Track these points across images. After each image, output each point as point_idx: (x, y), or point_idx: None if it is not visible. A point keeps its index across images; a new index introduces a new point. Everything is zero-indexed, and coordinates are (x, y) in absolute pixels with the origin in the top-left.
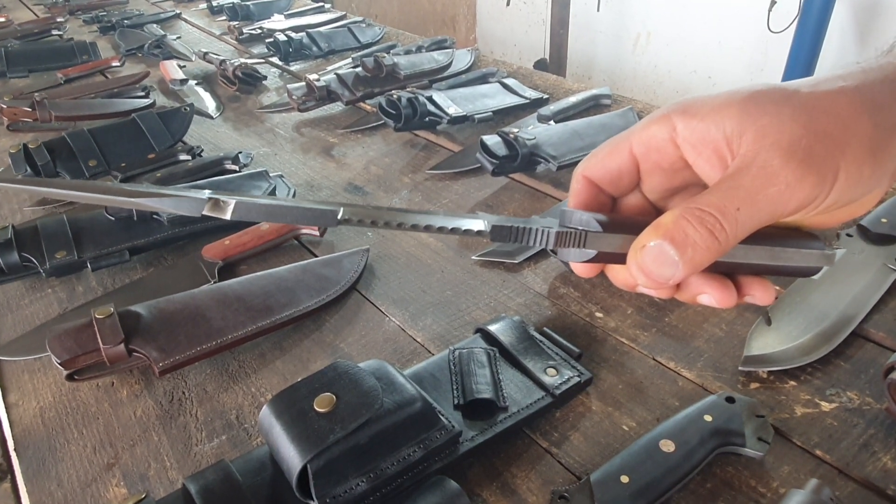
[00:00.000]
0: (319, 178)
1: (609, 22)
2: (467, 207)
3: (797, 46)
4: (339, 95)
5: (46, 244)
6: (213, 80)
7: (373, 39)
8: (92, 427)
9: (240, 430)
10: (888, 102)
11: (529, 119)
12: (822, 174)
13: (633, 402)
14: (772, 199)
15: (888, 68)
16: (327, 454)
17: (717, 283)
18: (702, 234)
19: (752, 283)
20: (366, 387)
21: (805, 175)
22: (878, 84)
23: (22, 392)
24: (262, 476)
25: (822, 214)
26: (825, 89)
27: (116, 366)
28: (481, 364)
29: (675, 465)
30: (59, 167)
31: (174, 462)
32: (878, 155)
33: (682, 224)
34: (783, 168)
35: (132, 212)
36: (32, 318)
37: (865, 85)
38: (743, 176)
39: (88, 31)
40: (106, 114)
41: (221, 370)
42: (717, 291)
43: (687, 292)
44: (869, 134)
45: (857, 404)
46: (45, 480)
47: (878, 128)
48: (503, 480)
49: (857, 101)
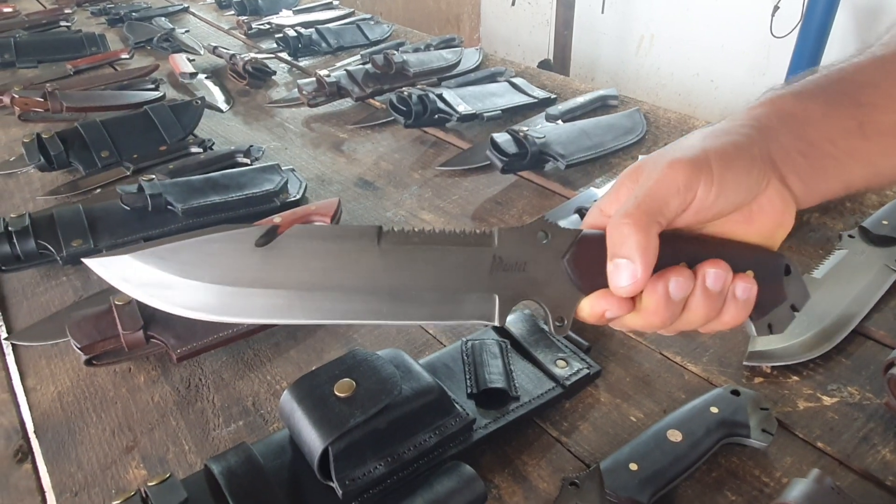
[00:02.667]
0: (330, 172)
1: (613, 24)
2: (477, 204)
3: (799, 51)
4: (348, 91)
5: (63, 232)
6: (222, 73)
7: (381, 37)
8: (110, 411)
9: (256, 417)
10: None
11: (537, 118)
12: (696, 168)
13: (640, 395)
14: (661, 184)
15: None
16: (347, 438)
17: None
18: (634, 233)
19: (704, 263)
20: (385, 374)
21: (681, 168)
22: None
23: (40, 377)
24: (282, 459)
25: (743, 224)
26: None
27: (134, 352)
28: (494, 355)
29: (683, 455)
30: (72, 157)
31: (192, 446)
32: (769, 163)
33: (615, 235)
34: (668, 167)
35: (147, 202)
36: (48, 305)
37: (778, 99)
38: (643, 184)
39: (96, 23)
40: (117, 105)
41: (237, 358)
42: (677, 275)
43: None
44: (758, 142)
45: (857, 399)
46: (66, 462)
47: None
48: (514, 467)
49: (759, 117)
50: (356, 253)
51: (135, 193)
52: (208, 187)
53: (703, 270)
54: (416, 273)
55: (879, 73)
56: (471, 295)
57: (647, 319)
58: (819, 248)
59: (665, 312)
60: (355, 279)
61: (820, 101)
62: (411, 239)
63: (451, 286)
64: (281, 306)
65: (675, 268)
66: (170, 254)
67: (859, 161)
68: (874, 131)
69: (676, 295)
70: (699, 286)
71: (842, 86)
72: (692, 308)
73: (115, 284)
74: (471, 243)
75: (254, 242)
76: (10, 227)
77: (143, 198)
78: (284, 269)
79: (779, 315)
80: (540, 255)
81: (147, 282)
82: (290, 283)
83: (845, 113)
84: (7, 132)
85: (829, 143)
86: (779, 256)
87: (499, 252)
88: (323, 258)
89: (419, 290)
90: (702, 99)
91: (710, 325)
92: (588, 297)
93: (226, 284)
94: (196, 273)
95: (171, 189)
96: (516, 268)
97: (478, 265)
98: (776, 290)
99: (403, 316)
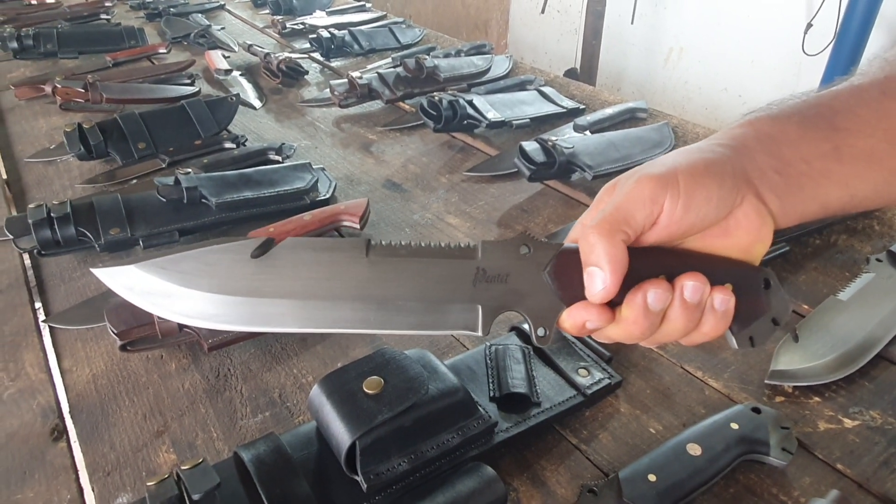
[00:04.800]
0: (359, 172)
1: (642, 35)
2: (503, 210)
3: (831, 70)
4: (379, 94)
5: (101, 220)
6: (255, 71)
7: (412, 41)
8: (142, 396)
9: (282, 408)
10: (785, 138)
11: (565, 128)
12: (663, 182)
13: (660, 407)
14: (628, 197)
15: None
16: (375, 433)
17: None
18: (599, 241)
19: (682, 276)
20: (412, 373)
21: (647, 183)
22: (777, 122)
23: (75, 359)
24: (309, 450)
25: (721, 239)
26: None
27: (167, 339)
28: (517, 360)
29: (701, 468)
30: (111, 148)
31: (220, 433)
32: (744, 180)
33: (584, 245)
34: (636, 182)
35: (182, 195)
36: (84, 290)
37: (756, 121)
38: (613, 199)
39: (135, 16)
40: (154, 99)
41: (265, 351)
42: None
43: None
44: (732, 159)
45: (879, 423)
46: (99, 443)
47: (769, 157)
48: (533, 472)
49: (736, 136)
50: (346, 264)
51: (171, 185)
52: (242, 183)
53: (680, 283)
54: (403, 284)
55: (855, 100)
56: (455, 305)
57: (626, 330)
58: (846, 270)
59: (644, 323)
60: (345, 289)
61: (796, 123)
62: (398, 251)
63: (436, 297)
64: (275, 315)
65: (654, 280)
66: (170, 264)
67: (835, 183)
68: (849, 155)
69: (655, 306)
70: (677, 298)
71: (819, 110)
72: (671, 319)
73: (120, 293)
74: (455, 256)
75: (249, 254)
76: (52, 213)
77: (179, 190)
78: (278, 279)
79: (760, 328)
80: (522, 267)
81: (149, 290)
82: (283, 292)
83: (821, 135)
84: (48, 121)
85: (804, 164)
86: (758, 270)
87: (482, 264)
88: (314, 269)
89: (405, 300)
90: (729, 114)
91: (690, 336)
92: (569, 309)
93: (223, 293)
94: (195, 282)
95: (206, 183)
96: (499, 279)
97: (462, 277)
98: (756, 303)
99: (390, 325)
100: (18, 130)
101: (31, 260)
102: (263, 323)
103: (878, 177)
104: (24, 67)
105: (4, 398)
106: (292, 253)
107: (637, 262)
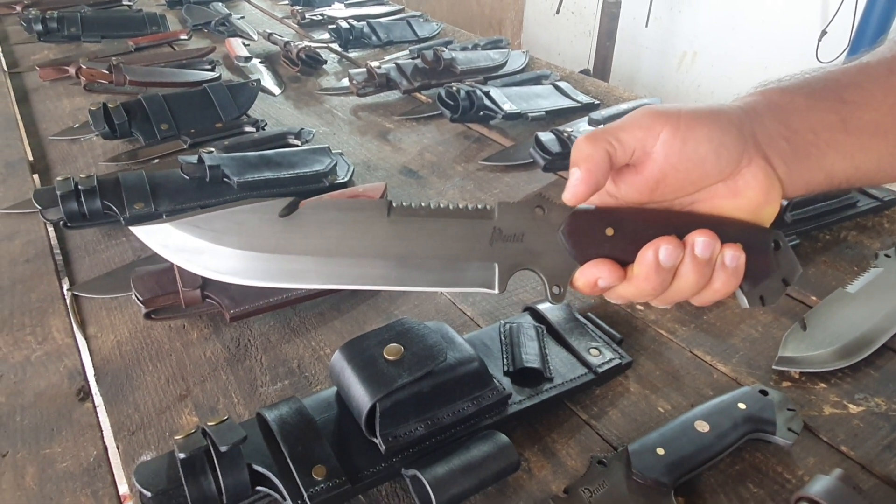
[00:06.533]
0: (376, 159)
1: (656, 38)
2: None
3: None
4: (396, 84)
5: (127, 195)
6: (275, 59)
7: (430, 34)
8: (165, 362)
9: (301, 378)
10: (794, 108)
11: (580, 122)
12: (664, 114)
13: (668, 388)
14: (626, 120)
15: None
16: (394, 396)
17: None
18: (583, 144)
19: (692, 233)
20: (431, 341)
21: (648, 113)
22: (791, 92)
23: (100, 326)
24: (329, 413)
25: (730, 199)
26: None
27: (190, 309)
28: (530, 337)
29: (709, 444)
30: (134, 128)
31: (241, 399)
32: (754, 142)
33: (572, 151)
34: (639, 112)
35: (205, 173)
36: (108, 262)
37: (766, 91)
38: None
39: (156, 3)
40: (176, 83)
41: (284, 324)
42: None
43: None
44: (744, 121)
45: (883, 410)
46: (123, 405)
47: (773, 121)
48: (544, 444)
49: (747, 103)
50: (368, 223)
51: (195, 164)
52: (262, 164)
53: (691, 239)
54: (423, 242)
55: (864, 76)
56: (472, 263)
57: (638, 287)
58: (854, 264)
59: (656, 279)
60: (367, 247)
61: (805, 94)
62: (418, 212)
63: (454, 255)
64: (300, 271)
65: (665, 237)
66: (203, 223)
67: (840, 154)
68: (855, 127)
69: (666, 262)
70: (688, 254)
71: (827, 83)
72: (682, 275)
73: (156, 249)
74: (473, 216)
75: (277, 213)
76: (80, 185)
77: (203, 168)
78: (303, 237)
79: (770, 287)
80: (537, 227)
81: (183, 247)
82: (308, 249)
83: (828, 107)
84: (72, 101)
85: (811, 133)
86: (767, 231)
87: (499, 224)
88: (338, 228)
89: (425, 257)
90: None
91: (701, 294)
92: (582, 267)
93: (251, 250)
94: (225, 240)
95: (228, 162)
96: (515, 239)
97: (479, 236)
98: (765, 262)
99: (410, 281)
100: (42, 110)
101: (57, 232)
102: (289, 278)
103: (882, 150)
104: (48, 50)
105: (32, 360)
106: (317, 213)
107: (647, 222)
